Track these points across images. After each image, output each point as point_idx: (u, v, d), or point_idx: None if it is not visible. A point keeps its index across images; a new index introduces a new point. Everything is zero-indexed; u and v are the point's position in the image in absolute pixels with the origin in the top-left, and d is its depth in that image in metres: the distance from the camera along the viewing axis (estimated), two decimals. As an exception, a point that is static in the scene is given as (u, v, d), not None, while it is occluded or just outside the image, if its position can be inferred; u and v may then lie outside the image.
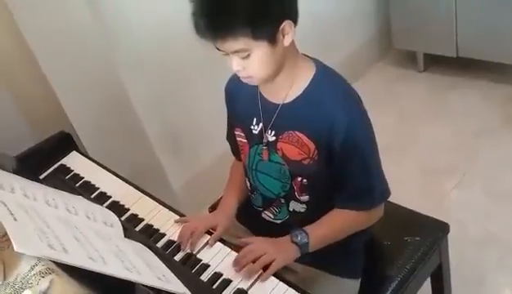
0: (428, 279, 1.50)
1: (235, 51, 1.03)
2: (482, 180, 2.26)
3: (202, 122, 2.24)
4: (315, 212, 1.21)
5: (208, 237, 1.20)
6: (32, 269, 0.66)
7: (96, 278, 0.73)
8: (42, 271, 0.64)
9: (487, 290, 1.83)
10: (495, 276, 1.86)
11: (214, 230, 1.22)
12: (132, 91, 1.96)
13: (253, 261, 1.08)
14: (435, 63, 3.03)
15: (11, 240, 0.63)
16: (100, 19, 1.84)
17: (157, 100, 2.11)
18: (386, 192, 1.21)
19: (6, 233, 0.67)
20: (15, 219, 0.72)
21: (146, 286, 0.80)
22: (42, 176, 1.56)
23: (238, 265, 1.09)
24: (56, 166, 1.60)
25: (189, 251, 1.17)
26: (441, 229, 1.42)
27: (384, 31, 3.10)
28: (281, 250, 1.12)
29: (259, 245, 1.13)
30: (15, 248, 0.63)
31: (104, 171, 1.54)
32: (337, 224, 1.19)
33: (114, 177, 1.50)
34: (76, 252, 0.73)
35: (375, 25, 3.15)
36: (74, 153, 1.65)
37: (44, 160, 1.60)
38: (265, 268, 1.08)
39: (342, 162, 1.13)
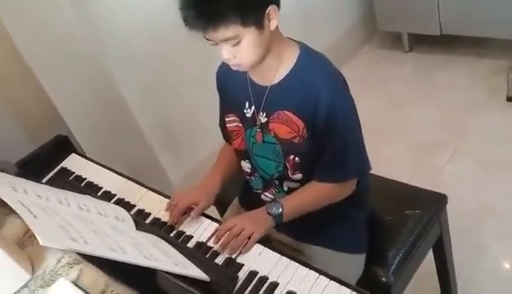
0: (431, 253, 1.54)
1: (226, 39, 1.06)
2: (473, 153, 2.32)
3: (197, 114, 2.26)
4: None
5: (204, 219, 1.26)
6: (59, 261, 0.68)
7: (116, 268, 0.75)
8: (69, 262, 0.67)
9: (486, 258, 1.88)
10: (493, 245, 1.92)
11: (196, 206, 1.27)
12: (124, 87, 1.97)
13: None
14: (420, 42, 3.07)
15: (36, 235, 0.66)
16: (86, 16, 1.85)
17: (150, 96, 2.12)
18: (362, 167, 1.26)
19: (27, 232, 0.69)
20: (35, 216, 0.74)
21: (166, 272, 0.83)
22: (44, 180, 1.57)
23: (220, 243, 1.14)
24: (56, 169, 1.61)
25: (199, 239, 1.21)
26: (439, 200, 1.46)
27: (368, 14, 3.13)
28: (258, 222, 1.18)
29: (236, 222, 1.18)
30: (41, 242, 0.65)
31: (105, 170, 1.56)
32: (310, 196, 1.25)
33: (116, 175, 1.52)
34: (96, 244, 0.75)
35: (358, 9, 3.17)
36: (73, 155, 1.66)
37: (44, 165, 1.61)
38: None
39: (322, 136, 1.17)
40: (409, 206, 1.44)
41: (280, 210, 1.20)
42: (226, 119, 1.34)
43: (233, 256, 1.11)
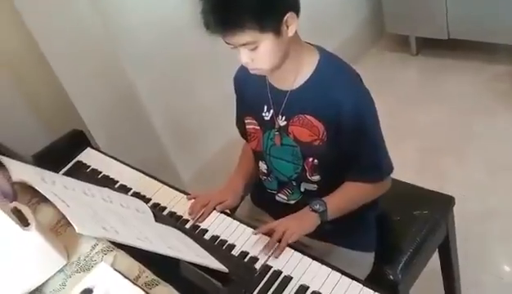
0: (437, 253, 1.58)
1: (244, 44, 1.10)
2: (480, 157, 2.35)
3: (209, 113, 2.29)
4: (325, 190, 1.28)
5: (218, 213, 1.30)
6: (93, 248, 0.72)
7: (143, 257, 0.79)
8: (103, 249, 0.70)
9: (490, 261, 1.92)
10: (498, 248, 1.95)
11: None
12: (140, 85, 2.01)
13: (279, 241, 1.15)
14: (427, 46, 3.10)
15: (73, 224, 0.69)
16: (104, 14, 1.88)
17: (163, 93, 2.16)
18: (391, 166, 1.30)
19: (60, 220, 0.73)
20: (67, 205, 0.78)
21: (188, 263, 0.86)
22: (60, 173, 1.61)
23: (266, 247, 1.15)
24: (72, 163, 1.65)
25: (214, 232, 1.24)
26: (447, 202, 1.50)
27: (376, 16, 3.16)
28: (301, 222, 1.20)
29: (280, 223, 1.19)
30: (77, 230, 0.69)
31: (120, 164, 1.59)
32: (350, 194, 1.28)
33: (132, 170, 1.55)
34: (126, 233, 0.79)
35: (366, 11, 3.20)
36: (89, 149, 1.70)
37: (60, 158, 1.64)
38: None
39: (351, 139, 1.20)
40: (417, 207, 1.48)
41: (324, 207, 1.21)
42: (248, 120, 1.37)
43: (274, 255, 1.12)
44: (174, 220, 1.26)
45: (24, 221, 0.67)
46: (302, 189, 1.33)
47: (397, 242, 1.41)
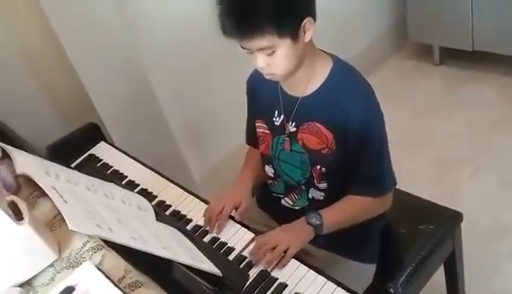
0: (442, 267, 1.56)
1: (261, 49, 1.09)
2: (496, 172, 2.31)
3: (222, 113, 2.31)
4: (332, 201, 1.27)
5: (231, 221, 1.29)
6: (84, 245, 0.73)
7: (136, 256, 0.80)
8: (93, 247, 0.72)
9: (499, 280, 1.87)
10: (506, 265, 1.91)
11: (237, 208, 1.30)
12: (156, 84, 2.04)
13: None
14: (451, 56, 3.05)
15: (66, 220, 0.71)
16: (125, 14, 1.92)
17: (179, 93, 2.18)
18: (394, 181, 1.28)
19: (57, 215, 0.75)
20: (65, 201, 0.80)
21: (181, 264, 0.87)
22: (72, 165, 1.64)
23: (255, 256, 1.15)
24: (85, 155, 1.68)
25: (215, 235, 1.25)
26: (454, 217, 1.48)
27: (401, 24, 3.13)
28: (295, 235, 1.18)
29: (273, 236, 1.18)
30: (70, 227, 0.70)
31: (131, 160, 1.62)
32: (349, 209, 1.25)
33: (142, 166, 1.58)
34: (120, 232, 0.81)
35: (391, 18, 3.18)
36: (102, 143, 1.73)
37: (74, 150, 1.68)
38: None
39: (356, 151, 1.20)
40: (423, 221, 1.46)
41: (320, 221, 1.19)
42: (258, 124, 1.38)
43: (268, 270, 1.11)
44: (176, 220, 1.27)
45: (18, 215, 0.69)
46: (310, 196, 1.33)
47: (400, 255, 1.39)
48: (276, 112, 1.30)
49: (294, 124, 1.26)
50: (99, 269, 0.63)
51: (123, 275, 0.65)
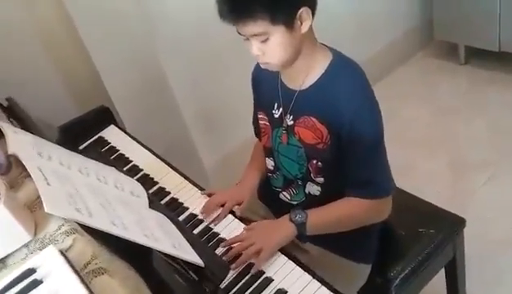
0: (443, 273, 1.53)
1: (255, 35, 1.09)
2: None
3: (234, 104, 2.29)
4: (329, 196, 1.25)
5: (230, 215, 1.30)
6: (59, 228, 0.74)
7: (116, 242, 0.81)
8: (67, 231, 0.73)
9: (504, 290, 1.83)
10: (509, 276, 1.85)
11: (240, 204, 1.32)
12: (170, 72, 2.05)
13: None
14: (476, 56, 2.97)
15: (43, 202, 0.73)
16: (142, 1, 1.93)
17: (193, 82, 2.19)
18: (391, 185, 1.23)
19: (39, 197, 0.76)
20: (48, 183, 0.81)
21: (163, 253, 0.88)
22: (81, 147, 1.68)
23: (230, 252, 1.15)
24: (94, 138, 1.72)
25: (210, 224, 1.27)
26: (457, 223, 1.44)
27: (426, 22, 3.07)
28: (272, 236, 1.16)
29: (250, 235, 1.18)
30: (46, 209, 0.72)
31: (138, 145, 1.64)
32: (339, 212, 1.23)
33: (147, 152, 1.60)
34: (100, 217, 0.82)
35: (417, 16, 3.11)
36: (112, 126, 1.76)
37: (84, 131, 1.72)
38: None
39: (347, 150, 1.17)
40: (424, 224, 1.43)
41: (303, 219, 1.18)
42: (260, 116, 1.38)
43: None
44: (170, 209, 1.28)
45: (-5, 195, 0.71)
46: (306, 191, 1.32)
47: (397, 257, 1.37)
48: (276, 104, 1.29)
49: (291, 117, 1.25)
50: (62, 254, 0.64)
51: (89, 261, 0.66)
